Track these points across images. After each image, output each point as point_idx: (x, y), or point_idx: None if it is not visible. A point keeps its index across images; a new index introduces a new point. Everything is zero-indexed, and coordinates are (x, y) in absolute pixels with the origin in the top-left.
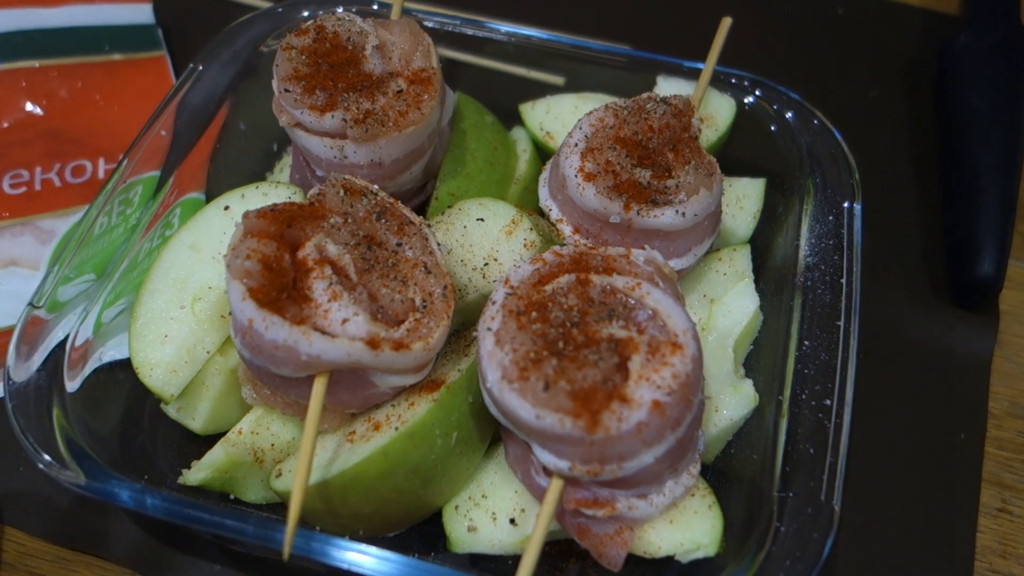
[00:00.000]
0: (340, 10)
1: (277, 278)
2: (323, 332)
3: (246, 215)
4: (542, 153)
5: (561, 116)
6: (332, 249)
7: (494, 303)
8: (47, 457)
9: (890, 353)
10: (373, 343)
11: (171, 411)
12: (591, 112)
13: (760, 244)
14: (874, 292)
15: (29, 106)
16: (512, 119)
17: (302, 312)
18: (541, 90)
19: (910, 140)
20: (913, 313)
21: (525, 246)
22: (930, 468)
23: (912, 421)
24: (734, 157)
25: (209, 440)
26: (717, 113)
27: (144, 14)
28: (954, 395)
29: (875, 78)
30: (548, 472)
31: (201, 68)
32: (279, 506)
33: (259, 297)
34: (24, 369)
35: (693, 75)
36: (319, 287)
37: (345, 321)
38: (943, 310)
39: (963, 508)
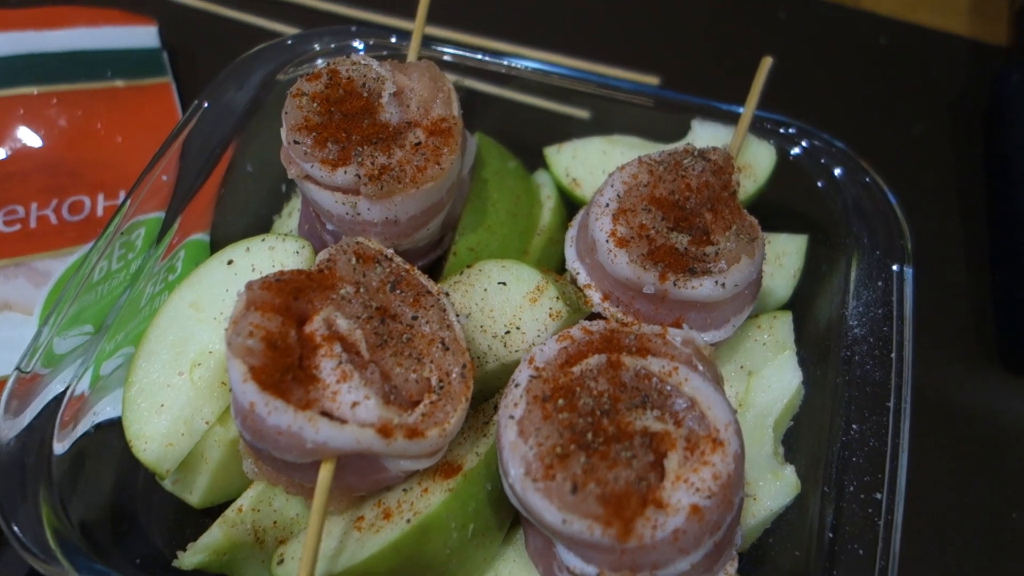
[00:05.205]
0: (357, 43)
1: (282, 357)
2: (331, 417)
3: (249, 286)
4: (567, 200)
5: (588, 161)
6: (342, 324)
7: (517, 386)
8: (34, 551)
9: (933, 422)
10: (385, 430)
11: (167, 484)
12: (623, 167)
13: (801, 306)
14: (916, 353)
15: (26, 136)
16: (534, 156)
17: (308, 395)
18: (565, 124)
19: (957, 184)
20: (960, 377)
21: (551, 316)
22: (980, 551)
23: (959, 498)
24: (772, 206)
25: (208, 510)
26: (756, 162)
27: (149, 37)
28: (1005, 470)
29: (920, 113)
30: (572, 571)
31: (207, 105)
32: None
33: (262, 378)
34: (8, 437)
35: (730, 119)
36: (327, 366)
37: (355, 404)
38: (992, 375)
39: None
